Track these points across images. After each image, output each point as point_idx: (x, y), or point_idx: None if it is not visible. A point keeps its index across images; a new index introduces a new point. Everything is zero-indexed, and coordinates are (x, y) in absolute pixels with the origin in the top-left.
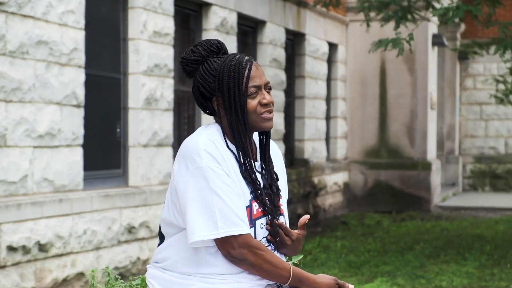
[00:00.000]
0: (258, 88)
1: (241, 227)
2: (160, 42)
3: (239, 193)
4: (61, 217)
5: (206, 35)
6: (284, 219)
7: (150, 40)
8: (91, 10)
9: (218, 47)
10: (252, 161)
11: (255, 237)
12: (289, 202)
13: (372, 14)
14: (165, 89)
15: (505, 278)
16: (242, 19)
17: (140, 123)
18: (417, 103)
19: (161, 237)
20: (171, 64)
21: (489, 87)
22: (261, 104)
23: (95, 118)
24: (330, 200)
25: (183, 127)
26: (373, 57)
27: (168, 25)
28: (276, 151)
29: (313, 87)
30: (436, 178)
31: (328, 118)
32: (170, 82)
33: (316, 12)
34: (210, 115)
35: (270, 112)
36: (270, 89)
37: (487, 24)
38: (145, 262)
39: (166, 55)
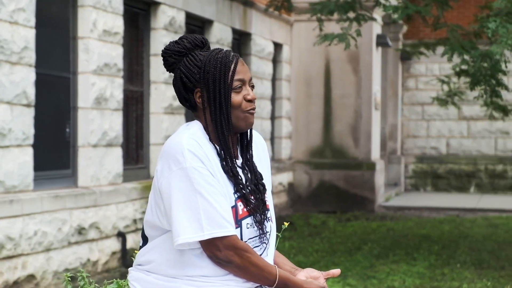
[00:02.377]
0: (243, 82)
1: (227, 229)
2: (110, 41)
3: (224, 193)
4: (11, 218)
5: (155, 34)
6: (270, 214)
7: (100, 39)
8: (42, 8)
9: (202, 42)
10: (234, 158)
11: (242, 238)
12: None
13: (324, 17)
14: (114, 89)
15: (457, 278)
16: (190, 18)
17: (89, 123)
18: (361, 103)
19: (144, 239)
20: (120, 63)
21: (431, 88)
22: (245, 100)
23: (45, 118)
24: (275, 200)
25: (132, 127)
26: (317, 57)
27: (117, 24)
28: (261, 142)
29: (258, 87)
30: (380, 178)
31: (273, 118)
32: (119, 81)
33: (261, 11)
34: (190, 108)
35: (254, 109)
36: (253, 87)
37: (436, 26)
38: (95, 263)
39: (115, 54)
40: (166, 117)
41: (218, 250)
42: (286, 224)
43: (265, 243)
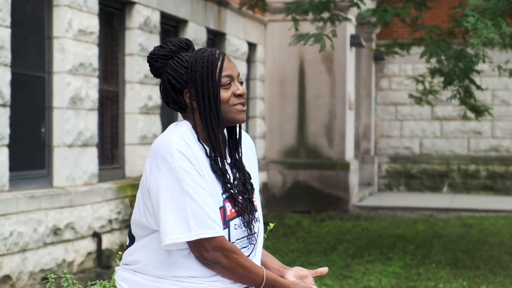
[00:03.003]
0: (231, 78)
1: (215, 229)
2: (85, 41)
3: (212, 194)
4: None
5: (130, 34)
6: (258, 215)
7: (75, 39)
8: (17, 7)
9: (187, 44)
10: (223, 158)
11: (229, 239)
12: None
13: (299, 17)
14: (90, 89)
15: (432, 278)
16: (165, 18)
17: (65, 123)
18: (335, 103)
19: (131, 238)
20: (96, 63)
21: (404, 88)
22: (234, 95)
23: (20, 118)
24: None
25: (107, 127)
26: (291, 57)
27: (93, 23)
28: (249, 142)
29: None
30: (354, 178)
31: (247, 118)
32: (94, 81)
33: (236, 11)
34: (179, 110)
35: (243, 104)
36: (241, 82)
37: (414, 28)
38: (71, 264)
39: (91, 54)
40: (141, 117)
41: (206, 251)
42: (271, 225)
43: (253, 243)
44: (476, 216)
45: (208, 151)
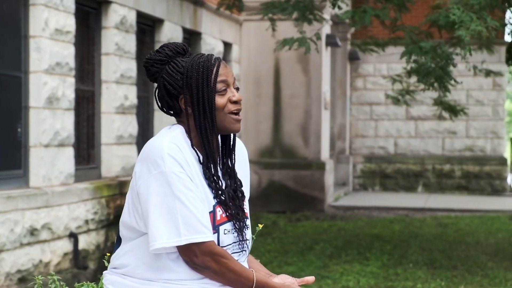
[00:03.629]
0: (227, 84)
1: (204, 234)
2: (62, 40)
3: (203, 198)
4: None
5: (106, 33)
6: (249, 222)
7: (51, 38)
8: None
9: (183, 49)
10: (216, 164)
11: (219, 244)
12: None
13: (275, 17)
14: (66, 88)
15: (410, 278)
16: (141, 17)
17: (41, 123)
18: (311, 103)
19: (119, 240)
20: (72, 63)
21: (379, 88)
22: (230, 102)
23: None
24: None
25: (83, 127)
26: (267, 57)
27: (69, 22)
28: (242, 150)
29: None
30: (329, 178)
31: None
32: (71, 81)
33: (211, 11)
34: (174, 115)
35: (239, 112)
36: (237, 89)
37: (394, 29)
38: (47, 264)
39: (67, 53)
40: (117, 116)
41: (195, 256)
42: (260, 226)
43: (245, 250)
44: (452, 216)
45: (200, 157)
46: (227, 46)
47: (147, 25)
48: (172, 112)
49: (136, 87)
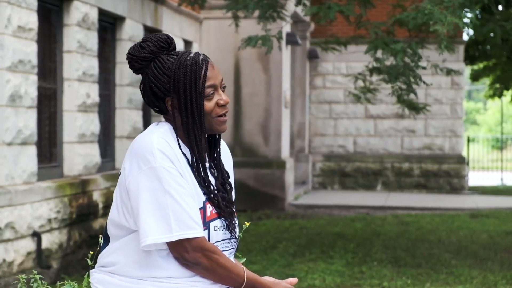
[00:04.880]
0: (215, 88)
1: (196, 230)
2: (24, 38)
3: (193, 194)
4: None
5: (68, 31)
6: (237, 220)
7: (14, 35)
8: None
9: (167, 43)
10: (204, 161)
11: (209, 240)
12: None
13: (240, 14)
14: (29, 86)
15: (376, 276)
16: (103, 15)
17: (4, 121)
18: (271, 101)
19: (106, 239)
20: (34, 60)
21: (338, 86)
22: (218, 105)
23: None
24: None
25: (45, 125)
26: (227, 55)
27: (32, 20)
28: (225, 149)
29: None
30: (290, 176)
31: None
32: (34, 78)
33: (172, 8)
34: (160, 113)
35: (226, 114)
36: (224, 87)
37: (359, 25)
38: (10, 264)
39: (30, 50)
40: (79, 114)
41: (186, 252)
42: (247, 224)
43: (233, 248)
44: (412, 214)
45: (188, 155)
46: (187, 44)
47: (108, 23)
48: (158, 110)
49: (98, 85)
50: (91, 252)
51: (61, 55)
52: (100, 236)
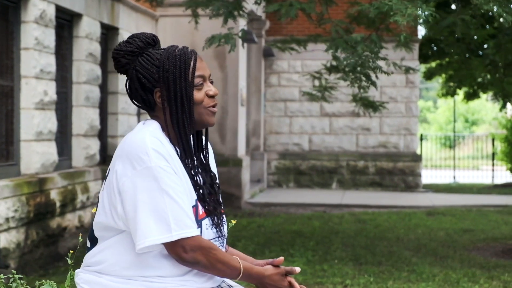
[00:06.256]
0: (204, 79)
1: (193, 228)
2: None
3: (188, 193)
4: None
5: (26, 28)
6: (225, 218)
7: None
8: None
9: (154, 40)
10: (194, 159)
11: None
12: None
13: (201, 11)
14: None
15: (338, 274)
16: (60, 11)
17: None
18: (228, 99)
19: (93, 241)
20: None
21: (293, 84)
22: (208, 96)
23: None
24: None
25: (2, 123)
26: None
27: None
28: (210, 151)
29: (123, 83)
30: (246, 174)
31: (139, 114)
32: None
33: (128, 6)
34: (146, 109)
35: (215, 105)
36: (212, 82)
37: (320, 23)
38: None
39: None
40: (37, 112)
41: (184, 252)
42: (233, 222)
43: (222, 246)
44: (369, 212)
45: (178, 152)
46: None
47: (65, 20)
48: (145, 105)
49: (55, 82)
50: (71, 251)
51: (19, 52)
52: (80, 234)
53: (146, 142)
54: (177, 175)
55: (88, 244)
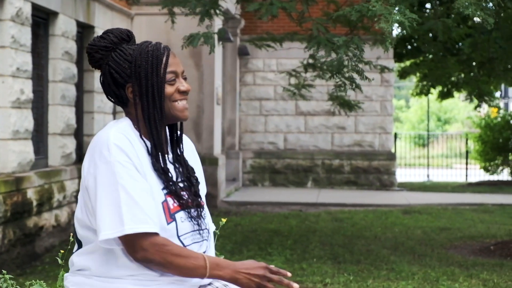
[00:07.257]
0: (176, 75)
1: (149, 225)
2: None
3: (149, 189)
4: None
5: (2, 26)
6: (206, 212)
7: None
8: None
9: (128, 36)
10: (165, 154)
11: (177, 231)
12: None
13: (176, 9)
14: None
15: (317, 273)
16: (36, 10)
17: None
18: (203, 98)
19: (79, 243)
20: None
21: (268, 83)
22: (178, 91)
23: None
24: None
25: None
26: None
27: None
28: (189, 144)
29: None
30: (222, 173)
31: (114, 113)
32: None
33: (104, 4)
34: (120, 105)
35: (186, 100)
36: (185, 78)
37: (301, 21)
38: None
39: None
40: (13, 111)
41: (134, 251)
42: (224, 220)
43: (206, 239)
44: (345, 210)
45: (149, 148)
46: None
47: (41, 18)
48: (118, 101)
49: (31, 81)
50: (61, 251)
51: None
52: (71, 235)
53: (109, 137)
54: (140, 172)
55: (76, 247)
